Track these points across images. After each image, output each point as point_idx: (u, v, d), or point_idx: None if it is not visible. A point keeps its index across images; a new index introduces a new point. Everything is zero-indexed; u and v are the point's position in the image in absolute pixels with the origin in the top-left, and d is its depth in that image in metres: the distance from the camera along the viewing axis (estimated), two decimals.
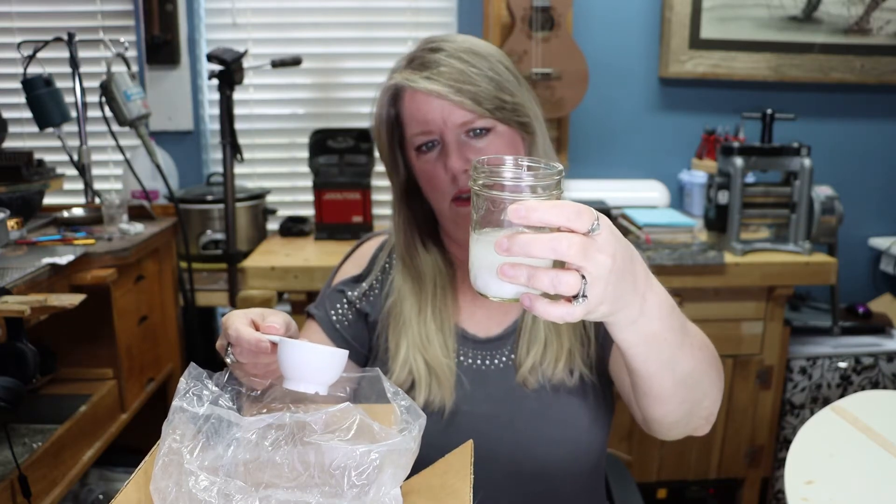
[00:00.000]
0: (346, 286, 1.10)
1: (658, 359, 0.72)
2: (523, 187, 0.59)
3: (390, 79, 1.00)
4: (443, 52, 0.97)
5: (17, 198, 1.67)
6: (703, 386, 0.81)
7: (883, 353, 2.17)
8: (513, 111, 0.98)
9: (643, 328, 0.66)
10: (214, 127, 2.44)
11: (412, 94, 0.98)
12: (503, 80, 0.98)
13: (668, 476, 2.15)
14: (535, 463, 0.97)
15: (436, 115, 0.96)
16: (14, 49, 1.92)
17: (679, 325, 0.72)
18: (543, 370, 0.99)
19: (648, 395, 0.78)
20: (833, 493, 1.00)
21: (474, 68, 0.96)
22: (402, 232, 1.06)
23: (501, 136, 0.98)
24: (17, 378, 1.16)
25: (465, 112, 0.95)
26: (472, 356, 1.03)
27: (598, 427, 1.00)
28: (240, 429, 0.67)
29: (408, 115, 0.99)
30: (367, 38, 2.42)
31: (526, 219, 0.56)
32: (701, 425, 0.88)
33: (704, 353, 0.81)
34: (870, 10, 2.42)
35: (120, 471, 1.83)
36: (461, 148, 0.96)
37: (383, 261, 1.11)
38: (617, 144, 2.50)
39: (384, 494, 0.63)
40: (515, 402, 0.99)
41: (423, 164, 1.00)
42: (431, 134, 0.97)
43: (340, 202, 2.18)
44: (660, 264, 1.93)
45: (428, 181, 1.00)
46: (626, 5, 2.42)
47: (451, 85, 0.94)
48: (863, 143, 2.55)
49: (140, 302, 1.72)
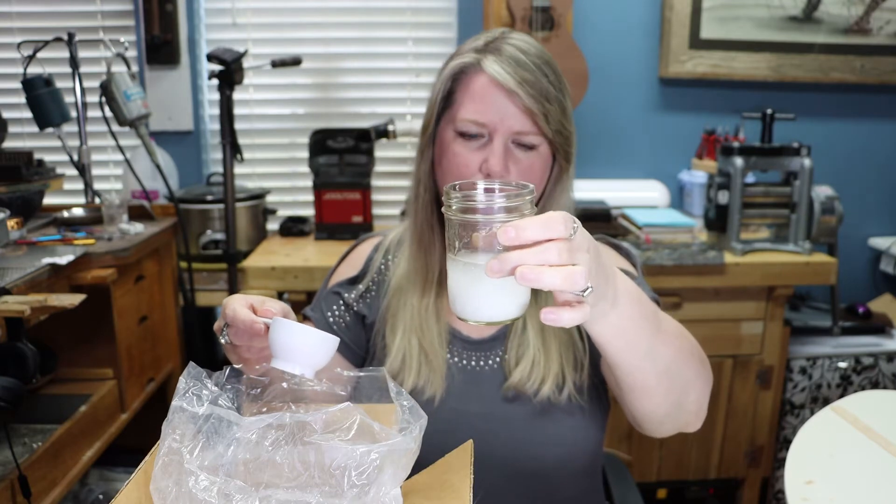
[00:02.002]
0: (343, 288, 1.10)
1: (636, 349, 0.73)
2: (497, 209, 0.60)
3: (463, 56, 0.97)
4: (526, 53, 0.94)
5: (17, 198, 1.67)
6: (685, 375, 0.82)
7: (883, 353, 2.17)
8: (565, 139, 0.97)
9: (616, 319, 0.68)
10: (214, 127, 2.44)
11: (484, 77, 0.94)
12: (567, 108, 0.97)
13: (668, 476, 2.15)
14: (531, 462, 0.97)
15: (498, 109, 0.93)
16: (14, 49, 1.92)
17: (651, 313, 0.74)
18: (531, 386, 0.98)
19: (634, 389, 0.80)
20: (833, 493, 1.00)
21: (551, 86, 0.94)
22: (427, 207, 1.03)
23: (541, 158, 0.97)
24: (17, 378, 1.16)
25: (529, 123, 0.93)
26: (464, 356, 1.03)
27: (593, 431, 1.00)
28: (240, 428, 0.67)
29: (467, 96, 0.95)
30: (367, 38, 2.42)
31: (517, 239, 0.57)
32: (691, 420, 0.88)
33: (682, 342, 0.82)
34: (870, 10, 2.42)
35: (120, 471, 1.83)
36: (506, 153, 0.94)
37: (379, 262, 1.11)
38: (617, 144, 2.50)
39: (384, 494, 0.63)
40: (508, 405, 0.99)
41: (457, 147, 0.96)
42: (483, 127, 0.94)
43: (340, 202, 2.18)
44: (660, 264, 1.93)
45: (455, 165, 0.96)
46: (626, 5, 2.42)
47: (529, 92, 0.92)
48: (863, 143, 2.55)
49: (140, 302, 1.72)
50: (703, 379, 0.86)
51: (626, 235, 2.06)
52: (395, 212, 2.47)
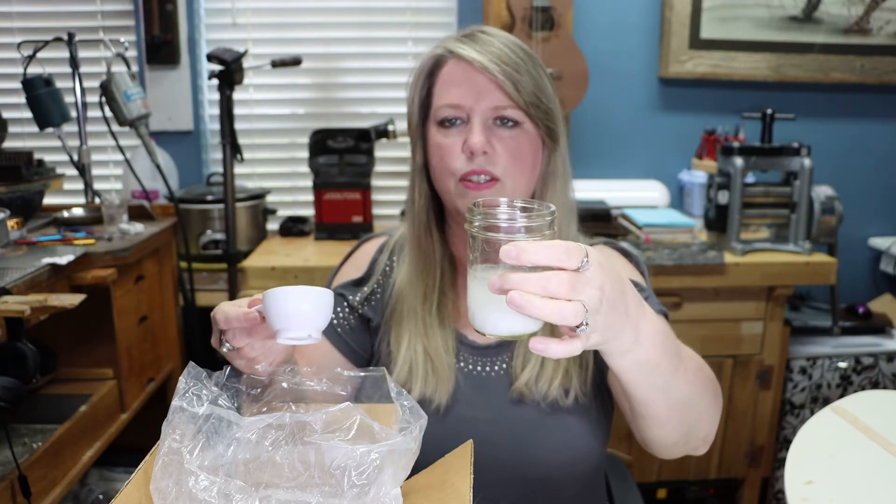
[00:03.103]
0: (347, 290, 1.09)
1: (653, 384, 0.73)
2: (518, 228, 0.62)
3: (433, 51, 0.98)
4: (494, 37, 0.96)
5: (17, 198, 1.67)
6: (698, 409, 0.82)
7: (883, 353, 2.17)
8: (545, 114, 0.97)
9: (637, 356, 0.68)
10: (214, 127, 2.44)
11: (455, 62, 0.95)
12: (543, 84, 0.97)
13: (668, 476, 2.15)
14: (534, 467, 0.96)
15: (471, 89, 0.94)
16: (14, 49, 1.92)
17: (673, 352, 0.73)
18: (539, 388, 0.98)
19: (645, 417, 0.80)
20: (833, 493, 1.00)
21: (521, 61, 0.95)
22: (424, 211, 1.03)
23: (527, 135, 0.96)
24: (17, 378, 1.16)
25: (502, 96, 0.93)
26: (471, 361, 1.02)
27: (597, 434, 1.00)
28: (240, 428, 0.67)
29: (441, 84, 0.97)
30: (367, 38, 2.42)
31: (517, 259, 0.58)
32: (699, 446, 0.89)
33: (699, 376, 0.82)
34: (870, 10, 2.42)
35: (120, 471, 1.83)
36: (486, 130, 0.94)
37: (384, 263, 1.10)
38: (617, 144, 2.50)
39: (384, 494, 0.63)
40: (515, 409, 0.98)
41: (440, 138, 0.97)
42: (460, 109, 0.95)
43: (340, 202, 2.18)
44: (660, 264, 1.93)
45: (440, 155, 0.97)
46: (626, 5, 2.42)
47: (498, 64, 0.93)
48: (863, 143, 2.55)
49: (140, 302, 1.72)
50: (715, 409, 0.86)
51: (626, 235, 2.06)
52: (395, 212, 2.47)
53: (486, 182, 0.95)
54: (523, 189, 0.98)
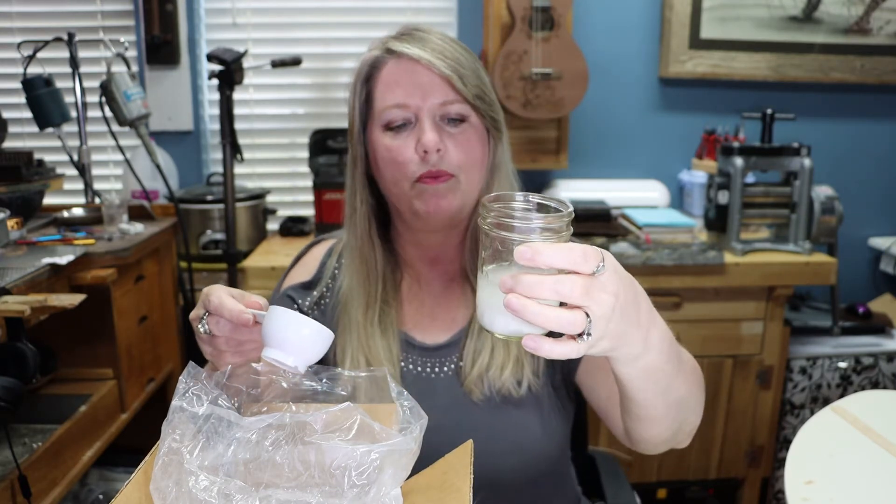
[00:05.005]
0: (296, 293, 1.06)
1: (655, 388, 0.73)
2: (533, 228, 0.59)
3: (369, 53, 0.96)
4: (432, 34, 0.95)
5: (17, 198, 1.67)
6: (690, 406, 0.82)
7: (883, 353, 2.17)
8: (489, 105, 0.96)
9: (645, 362, 0.67)
10: (214, 127, 2.44)
11: (395, 62, 0.93)
12: (483, 76, 0.97)
13: (668, 476, 2.15)
14: (488, 473, 0.91)
15: (416, 87, 0.92)
16: (14, 49, 1.92)
17: (676, 356, 0.73)
18: (490, 379, 0.96)
19: (641, 418, 0.79)
20: (833, 493, 1.00)
21: (461, 56, 0.94)
22: (366, 219, 1.00)
23: (474, 129, 0.95)
24: (17, 378, 1.16)
25: (448, 90, 0.92)
26: (418, 363, 1.00)
27: (551, 434, 0.98)
28: (240, 428, 0.67)
29: (382, 87, 0.94)
30: (367, 39, 2.38)
31: (532, 261, 0.56)
32: (683, 440, 0.89)
33: (695, 376, 0.83)
34: (870, 10, 2.42)
35: (120, 471, 1.83)
36: (436, 129, 0.92)
37: (332, 267, 1.07)
38: (617, 144, 2.50)
39: (384, 494, 0.63)
40: (464, 413, 0.96)
41: (387, 141, 0.93)
42: (406, 108, 0.92)
43: (340, 202, 2.16)
44: (660, 264, 1.93)
45: (391, 161, 0.93)
46: (627, 5, 2.42)
47: (442, 59, 0.92)
48: (863, 143, 2.55)
49: (140, 302, 1.72)
50: (701, 403, 0.86)
51: (626, 235, 2.06)
52: None
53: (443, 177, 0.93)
54: (476, 183, 0.97)
